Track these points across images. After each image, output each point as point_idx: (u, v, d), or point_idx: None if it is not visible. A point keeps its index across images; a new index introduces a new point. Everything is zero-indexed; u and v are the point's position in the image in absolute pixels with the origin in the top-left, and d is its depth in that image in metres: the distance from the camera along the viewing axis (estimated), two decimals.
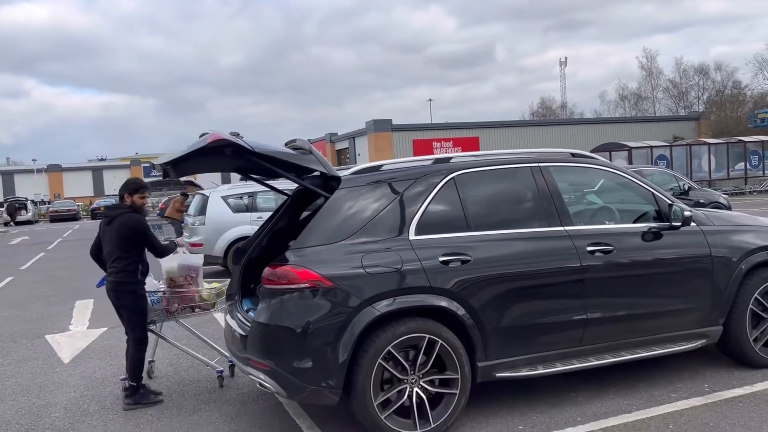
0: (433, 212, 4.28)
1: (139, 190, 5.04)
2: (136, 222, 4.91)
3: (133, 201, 5.02)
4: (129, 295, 4.91)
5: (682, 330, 4.71)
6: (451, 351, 4.04)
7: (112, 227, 4.98)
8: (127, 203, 5.03)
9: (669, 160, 26.90)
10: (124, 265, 4.89)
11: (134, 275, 4.93)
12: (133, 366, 4.92)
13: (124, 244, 4.90)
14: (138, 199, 5.04)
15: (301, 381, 3.85)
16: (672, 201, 4.78)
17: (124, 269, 4.89)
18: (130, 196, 5.03)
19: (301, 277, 3.87)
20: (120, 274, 4.89)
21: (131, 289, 4.92)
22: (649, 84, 71.20)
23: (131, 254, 4.91)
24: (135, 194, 5.03)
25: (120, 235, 4.91)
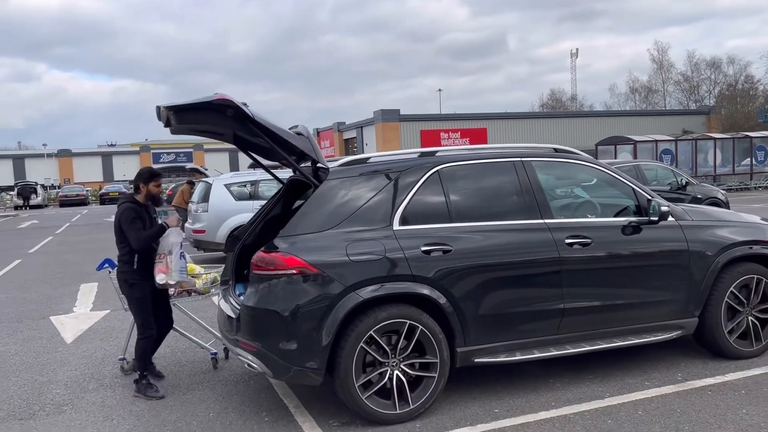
0: (418, 204, 4.45)
1: (153, 178, 5.07)
2: (121, 211, 4.96)
3: (148, 190, 5.06)
4: (123, 284, 5.01)
5: (659, 321, 4.88)
6: (430, 336, 4.23)
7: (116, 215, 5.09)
8: (141, 192, 5.06)
9: (674, 154, 26.89)
10: (121, 254, 5.01)
11: (128, 265, 4.97)
12: (135, 354, 5.00)
13: (116, 233, 5.02)
14: (153, 187, 5.07)
15: (286, 362, 4.05)
16: (651, 196, 4.93)
17: (121, 258, 5.02)
18: (144, 185, 5.05)
19: (287, 263, 4.06)
20: (119, 263, 5.04)
21: (124, 278, 5.00)
22: (660, 77, 70.82)
23: (124, 243, 4.98)
24: (150, 182, 5.06)
25: (114, 224, 5.06)
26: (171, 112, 4.24)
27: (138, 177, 5.13)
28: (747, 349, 5.06)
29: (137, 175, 5.15)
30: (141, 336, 4.98)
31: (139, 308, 4.99)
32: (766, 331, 5.14)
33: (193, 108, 4.18)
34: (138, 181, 5.10)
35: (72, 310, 8.32)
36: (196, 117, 4.28)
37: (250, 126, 4.22)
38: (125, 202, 5.06)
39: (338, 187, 4.39)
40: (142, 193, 5.08)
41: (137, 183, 5.11)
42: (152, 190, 5.09)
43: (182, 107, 4.20)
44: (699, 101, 64.11)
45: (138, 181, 5.10)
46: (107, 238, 18.58)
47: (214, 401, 4.76)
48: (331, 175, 4.43)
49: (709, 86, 67.00)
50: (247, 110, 4.10)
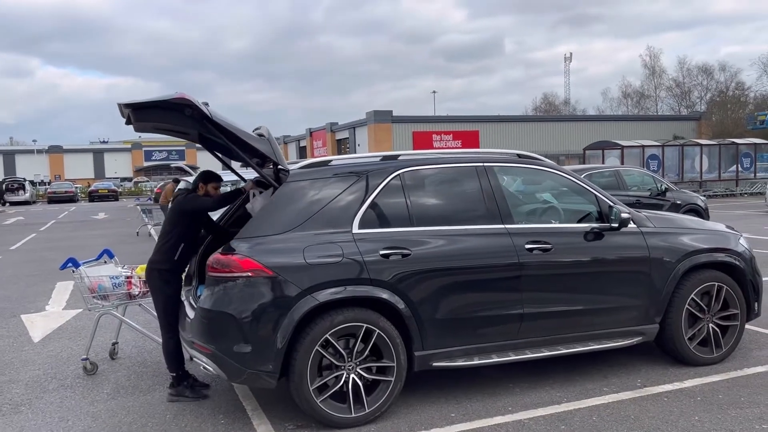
0: (378, 207, 4.46)
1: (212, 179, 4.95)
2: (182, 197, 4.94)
3: (206, 190, 4.94)
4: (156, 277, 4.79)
5: (619, 327, 4.90)
6: (387, 340, 4.23)
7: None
8: (200, 192, 4.93)
9: (661, 160, 27.01)
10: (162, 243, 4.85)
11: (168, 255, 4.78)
12: (165, 357, 4.81)
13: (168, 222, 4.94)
14: (212, 188, 4.94)
15: (240, 365, 4.04)
16: (612, 203, 4.95)
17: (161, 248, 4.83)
18: (204, 185, 4.94)
19: (243, 266, 4.06)
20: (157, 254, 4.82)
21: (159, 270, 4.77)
22: (652, 82, 71.13)
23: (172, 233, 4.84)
24: (209, 183, 4.94)
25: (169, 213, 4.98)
26: (130, 110, 4.23)
27: (198, 177, 5.03)
28: (707, 356, 5.09)
29: (197, 176, 5.06)
30: (169, 336, 4.74)
31: (168, 306, 4.75)
32: (727, 338, 5.17)
33: (152, 106, 4.17)
34: (198, 180, 4.99)
35: (44, 308, 8.27)
36: (156, 115, 4.27)
37: (210, 127, 4.22)
38: (187, 194, 4.98)
39: (298, 189, 4.38)
40: (201, 192, 4.94)
41: (197, 182, 5.00)
42: (210, 191, 4.96)
43: (141, 105, 4.18)
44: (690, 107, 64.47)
45: (198, 180, 4.99)
46: (91, 235, 18.58)
47: (174, 403, 4.74)
48: (292, 177, 4.42)
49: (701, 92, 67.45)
50: (206, 110, 4.09)
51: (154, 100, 4.09)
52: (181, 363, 4.83)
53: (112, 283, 5.42)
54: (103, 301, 5.45)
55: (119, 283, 5.48)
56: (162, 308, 4.80)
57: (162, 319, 4.81)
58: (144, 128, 4.78)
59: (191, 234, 4.90)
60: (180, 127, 4.59)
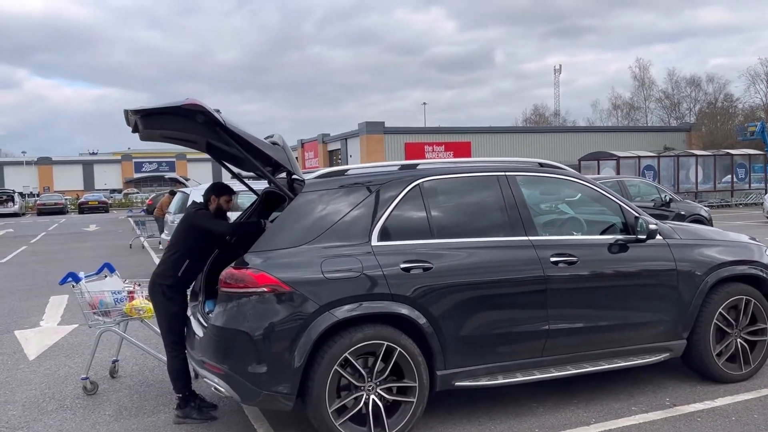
0: (397, 219, 4.26)
1: (224, 192, 4.79)
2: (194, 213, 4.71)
3: (218, 204, 4.76)
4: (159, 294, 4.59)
5: (646, 343, 4.71)
6: (409, 359, 4.02)
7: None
8: (212, 205, 4.74)
9: (656, 170, 27.02)
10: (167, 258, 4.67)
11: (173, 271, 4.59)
12: (171, 377, 4.57)
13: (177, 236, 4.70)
14: (224, 202, 4.78)
15: (255, 386, 3.81)
16: (638, 213, 4.78)
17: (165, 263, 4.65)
18: (216, 198, 4.76)
19: (258, 281, 3.84)
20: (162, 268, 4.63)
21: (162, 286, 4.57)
22: (642, 94, 71.61)
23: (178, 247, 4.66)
24: (221, 196, 4.76)
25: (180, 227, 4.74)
26: (138, 117, 4.01)
27: (210, 189, 4.81)
28: (736, 373, 4.91)
29: (208, 188, 4.83)
30: (174, 354, 4.54)
31: (173, 323, 4.56)
32: (755, 354, 4.99)
33: (162, 112, 3.96)
34: (209, 193, 4.78)
35: (39, 324, 7.99)
36: (165, 122, 4.06)
37: (222, 134, 4.00)
38: (199, 208, 4.75)
39: (314, 200, 4.18)
40: (213, 205, 4.75)
41: (209, 195, 4.78)
42: (223, 205, 4.76)
43: (150, 111, 3.97)
44: (680, 118, 64.86)
45: (209, 193, 4.78)
46: (83, 247, 18.22)
47: (181, 425, 4.48)
48: (307, 187, 4.22)
49: (690, 104, 67.95)
50: (219, 117, 3.88)
51: (164, 107, 3.88)
52: (188, 383, 4.58)
53: (114, 299, 5.17)
54: (104, 318, 5.21)
55: (121, 298, 5.24)
56: (166, 326, 4.57)
57: (166, 337, 4.58)
58: (151, 136, 4.57)
59: (199, 250, 4.67)
60: (189, 135, 4.38)
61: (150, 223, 18.00)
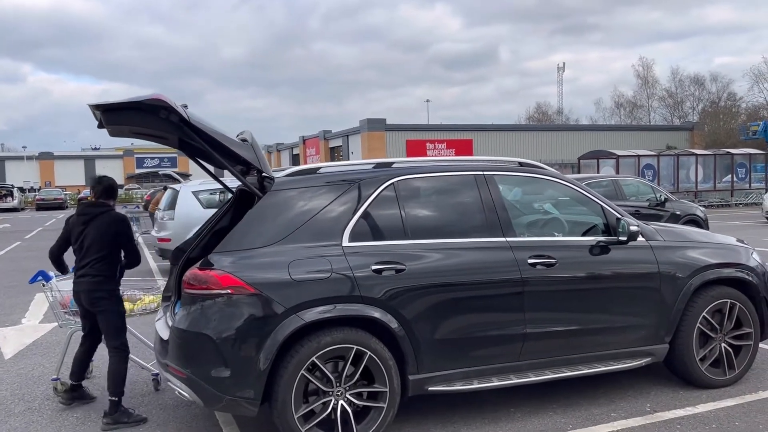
0: (370, 218, 4.14)
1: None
2: (123, 223, 4.65)
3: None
4: (107, 299, 4.55)
5: (627, 347, 4.59)
6: (380, 363, 3.91)
7: (93, 225, 4.60)
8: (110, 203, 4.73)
9: (656, 169, 26.82)
10: (101, 266, 4.54)
11: (112, 278, 4.61)
12: (115, 379, 4.49)
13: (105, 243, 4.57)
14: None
15: (218, 390, 3.70)
16: (620, 215, 4.65)
17: (101, 272, 4.54)
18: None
19: (222, 282, 3.72)
20: (99, 276, 4.54)
21: (108, 291, 4.56)
22: (645, 92, 71.30)
23: (110, 255, 4.59)
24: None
25: (107, 233, 4.57)
26: (100, 112, 3.89)
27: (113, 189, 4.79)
28: (719, 378, 4.78)
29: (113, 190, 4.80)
30: (122, 356, 4.57)
31: (122, 325, 4.63)
32: (740, 359, 4.87)
33: (124, 107, 3.83)
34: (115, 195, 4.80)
35: (20, 321, 7.89)
36: (128, 118, 3.93)
37: (188, 131, 3.88)
38: (111, 210, 4.68)
39: (283, 199, 4.06)
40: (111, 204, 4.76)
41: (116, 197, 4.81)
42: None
43: (111, 106, 3.84)
44: (683, 117, 64.62)
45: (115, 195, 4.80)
46: None
47: (148, 429, 4.39)
48: (276, 185, 4.10)
49: (693, 103, 67.68)
50: (183, 113, 3.76)
51: (126, 101, 3.75)
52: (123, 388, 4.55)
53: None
54: (75, 317, 5.09)
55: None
56: (117, 327, 4.60)
57: (118, 338, 4.60)
58: (119, 132, 4.45)
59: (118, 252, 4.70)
60: (157, 132, 4.25)
61: (145, 219, 17.91)
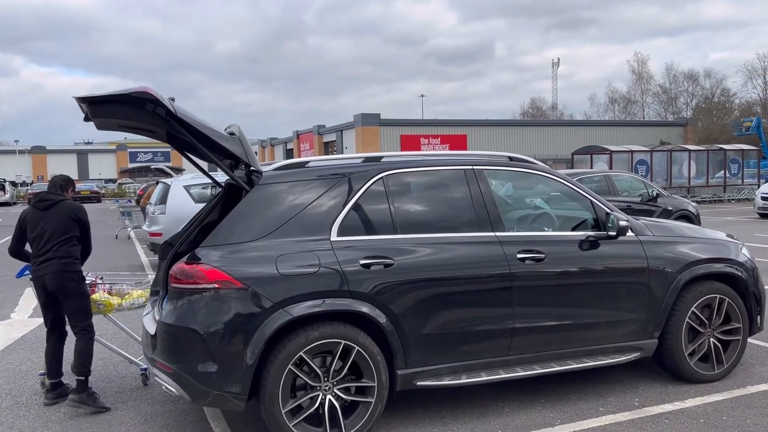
0: (359, 213, 4.12)
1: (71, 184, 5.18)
2: (82, 210, 4.96)
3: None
4: (73, 281, 4.72)
5: (616, 342, 4.59)
6: (368, 358, 3.90)
7: (53, 212, 4.84)
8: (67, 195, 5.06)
9: (649, 165, 26.88)
10: (67, 250, 4.75)
11: (78, 262, 4.83)
12: (82, 357, 4.65)
13: (66, 229, 4.79)
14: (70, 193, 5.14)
15: (205, 385, 3.68)
16: (609, 210, 4.65)
17: (68, 255, 4.75)
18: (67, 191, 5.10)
19: (209, 276, 3.70)
20: (66, 260, 4.72)
21: (75, 275, 4.73)
22: (639, 88, 71.40)
23: (73, 240, 4.83)
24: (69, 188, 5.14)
25: (68, 217, 4.84)
26: (86, 105, 3.86)
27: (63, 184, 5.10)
28: (708, 373, 4.80)
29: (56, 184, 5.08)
30: (89, 336, 4.73)
31: (87, 307, 4.81)
32: (728, 354, 4.88)
33: (110, 100, 3.80)
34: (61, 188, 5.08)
35: (9, 316, 7.84)
36: (114, 110, 3.89)
37: (174, 124, 3.85)
38: (75, 200, 5.03)
39: (271, 193, 4.03)
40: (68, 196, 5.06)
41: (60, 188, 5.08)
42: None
43: (97, 99, 3.81)
44: (677, 113, 64.76)
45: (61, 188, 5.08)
46: None
47: (136, 423, 4.36)
48: (264, 179, 4.07)
49: (687, 98, 67.81)
50: (170, 106, 3.73)
51: (112, 94, 3.72)
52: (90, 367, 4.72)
53: None
54: None
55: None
56: (84, 311, 4.76)
57: (83, 320, 4.74)
58: (107, 125, 4.41)
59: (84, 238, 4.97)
60: (144, 125, 4.21)
61: (137, 214, 17.84)
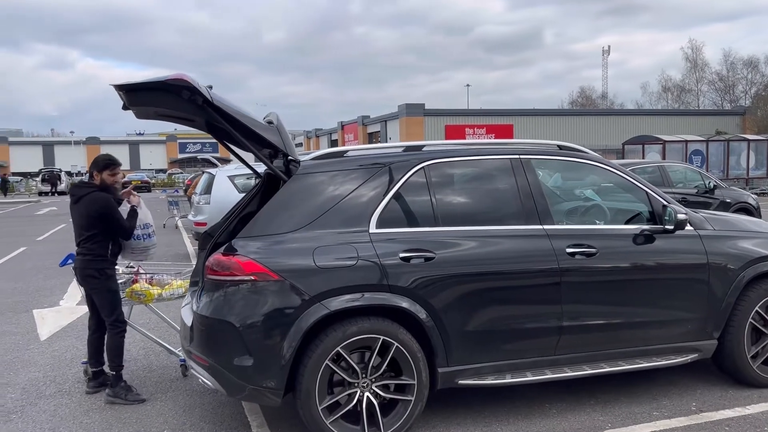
0: (399, 204, 3.97)
1: (108, 166, 4.81)
2: (101, 202, 4.67)
3: (102, 179, 4.78)
4: (96, 276, 4.66)
5: (672, 343, 4.33)
6: (407, 355, 3.75)
7: (78, 206, 4.77)
8: (96, 181, 4.78)
9: (705, 155, 25.84)
10: (90, 245, 4.68)
11: (103, 256, 4.69)
12: (111, 352, 4.63)
13: (87, 224, 4.69)
14: (107, 176, 4.80)
15: (241, 380, 3.60)
16: (667, 202, 4.37)
17: (91, 250, 4.68)
18: (99, 174, 4.78)
19: (245, 268, 3.61)
20: (87, 255, 4.69)
21: (98, 269, 4.66)
22: (694, 76, 68.84)
23: (96, 233, 4.68)
24: (104, 171, 4.79)
25: (88, 214, 4.70)
26: (122, 92, 3.81)
27: (93, 165, 4.84)
28: None
29: (92, 163, 4.85)
30: (116, 331, 4.67)
31: (115, 301, 4.72)
32: None
33: (146, 88, 3.74)
34: (93, 168, 4.82)
35: (58, 303, 8.01)
36: (150, 98, 3.83)
37: (211, 112, 3.76)
38: (96, 191, 4.72)
39: (309, 183, 3.91)
40: (96, 182, 4.78)
41: (92, 171, 4.83)
42: (106, 179, 4.78)
43: (133, 86, 3.75)
44: (734, 101, 62.20)
45: (93, 168, 4.82)
46: None
47: (173, 415, 4.34)
48: (302, 169, 3.95)
49: (745, 86, 65.05)
50: (206, 93, 3.64)
51: (147, 81, 3.66)
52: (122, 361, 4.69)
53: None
54: None
55: (125, 281, 5.09)
56: (109, 305, 4.69)
57: (110, 315, 4.67)
58: (145, 114, 4.37)
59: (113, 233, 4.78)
60: (181, 113, 4.14)
61: (183, 203, 18.10)
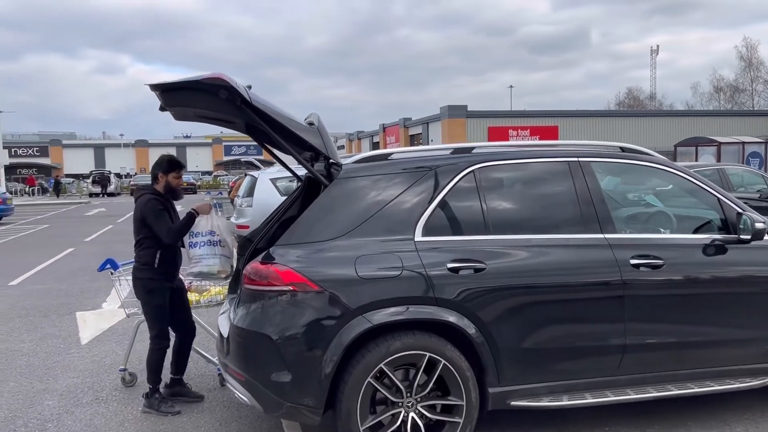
0: (447, 210, 3.71)
1: (174, 168, 4.56)
2: (144, 203, 4.44)
3: (167, 181, 4.53)
4: (140, 287, 4.47)
5: (747, 363, 3.95)
6: (455, 373, 3.48)
7: (134, 209, 4.58)
8: (160, 183, 4.53)
9: (763, 158, 24.70)
10: (139, 252, 4.51)
11: (149, 265, 4.43)
12: (148, 367, 4.47)
13: (137, 228, 4.52)
14: (173, 178, 4.55)
15: (278, 396, 3.39)
16: (742, 209, 3.99)
17: (139, 257, 4.50)
18: (164, 175, 4.53)
19: (283, 278, 3.40)
20: (136, 263, 4.52)
21: (141, 280, 4.45)
22: (748, 75, 66.24)
23: (143, 240, 4.48)
24: (170, 173, 4.54)
25: (135, 217, 4.54)
26: (158, 92, 3.65)
27: (156, 166, 4.57)
28: None
29: (155, 164, 4.60)
30: (156, 347, 4.47)
31: (157, 316, 4.47)
32: None
33: (181, 87, 3.57)
34: (157, 170, 4.55)
35: (101, 305, 8.01)
36: (186, 98, 3.67)
37: (250, 113, 3.57)
38: (146, 193, 4.53)
39: (351, 187, 3.68)
40: (161, 183, 4.53)
41: (155, 172, 4.57)
42: (171, 182, 4.53)
43: (169, 86, 3.60)
44: None
45: (157, 170, 4.55)
46: None
47: (210, 427, 4.17)
48: (344, 173, 3.73)
49: None
50: (245, 93, 3.45)
51: (183, 81, 3.49)
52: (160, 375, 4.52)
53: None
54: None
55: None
56: (151, 319, 4.48)
57: (151, 330, 4.48)
58: (183, 115, 4.23)
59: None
60: (220, 114, 3.97)
61: (227, 206, 18.17)
